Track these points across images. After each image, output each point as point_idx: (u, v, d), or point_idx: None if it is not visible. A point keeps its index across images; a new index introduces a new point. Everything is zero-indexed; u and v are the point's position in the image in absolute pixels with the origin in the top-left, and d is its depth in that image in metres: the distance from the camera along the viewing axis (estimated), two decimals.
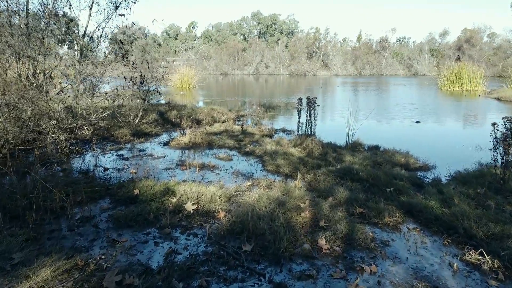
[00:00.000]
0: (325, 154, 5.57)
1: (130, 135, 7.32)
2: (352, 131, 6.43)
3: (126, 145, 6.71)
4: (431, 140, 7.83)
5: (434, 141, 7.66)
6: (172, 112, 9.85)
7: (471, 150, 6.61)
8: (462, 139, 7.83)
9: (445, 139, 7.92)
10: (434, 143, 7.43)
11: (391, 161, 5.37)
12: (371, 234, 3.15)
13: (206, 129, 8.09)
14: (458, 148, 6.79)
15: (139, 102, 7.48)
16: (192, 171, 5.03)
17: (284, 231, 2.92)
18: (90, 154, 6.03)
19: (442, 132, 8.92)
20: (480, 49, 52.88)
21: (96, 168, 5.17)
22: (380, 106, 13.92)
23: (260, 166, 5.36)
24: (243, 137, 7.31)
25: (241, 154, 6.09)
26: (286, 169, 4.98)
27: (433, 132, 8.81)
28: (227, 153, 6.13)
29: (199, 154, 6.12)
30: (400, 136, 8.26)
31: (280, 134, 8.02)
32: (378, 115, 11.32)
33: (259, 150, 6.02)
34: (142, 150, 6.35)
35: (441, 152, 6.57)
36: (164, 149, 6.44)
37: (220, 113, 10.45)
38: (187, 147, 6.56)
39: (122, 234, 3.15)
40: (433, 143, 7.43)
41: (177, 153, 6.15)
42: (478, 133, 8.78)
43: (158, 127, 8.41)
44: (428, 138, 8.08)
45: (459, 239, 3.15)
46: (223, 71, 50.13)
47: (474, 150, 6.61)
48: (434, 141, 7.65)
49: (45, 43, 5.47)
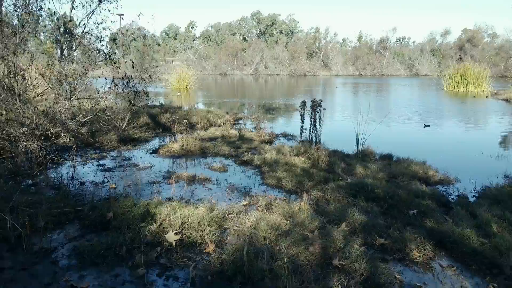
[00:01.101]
0: (332, 164, 4.91)
1: (116, 141, 6.67)
2: (361, 137, 5.77)
3: (111, 153, 6.06)
4: (446, 146, 7.18)
5: (450, 148, 7.01)
6: (165, 115, 9.20)
7: (493, 159, 5.97)
8: (479, 145, 7.18)
9: (461, 146, 7.28)
10: (450, 151, 6.78)
11: (407, 173, 4.72)
12: (397, 276, 2.50)
13: (200, 134, 7.45)
14: (477, 157, 6.14)
15: (127, 105, 6.82)
16: (180, 186, 4.38)
17: (289, 277, 2.27)
18: (69, 164, 5.38)
19: (456, 137, 8.27)
20: (482, 49, 52.28)
21: (71, 182, 4.52)
22: (385, 108, 13.29)
23: (259, 178, 4.71)
24: (240, 143, 6.66)
25: (238, 163, 5.44)
26: (288, 183, 4.33)
27: (446, 138, 8.17)
28: (222, 162, 5.48)
29: (190, 164, 5.47)
30: (411, 142, 7.62)
31: (281, 139, 7.38)
32: (384, 118, 10.67)
33: (258, 159, 5.38)
34: (127, 159, 5.70)
35: (460, 161, 5.92)
36: (152, 158, 5.79)
37: (217, 116, 9.81)
38: (178, 155, 5.91)
39: (84, 276, 2.50)
40: (449, 151, 6.78)
41: (166, 163, 5.50)
42: (495, 139, 8.14)
43: (148, 131, 7.76)
44: (442, 144, 7.44)
45: (506, 281, 2.51)
46: (222, 71, 49.49)
47: (496, 159, 5.97)
48: (449, 148, 7.01)
49: (15, 39, 4.82)
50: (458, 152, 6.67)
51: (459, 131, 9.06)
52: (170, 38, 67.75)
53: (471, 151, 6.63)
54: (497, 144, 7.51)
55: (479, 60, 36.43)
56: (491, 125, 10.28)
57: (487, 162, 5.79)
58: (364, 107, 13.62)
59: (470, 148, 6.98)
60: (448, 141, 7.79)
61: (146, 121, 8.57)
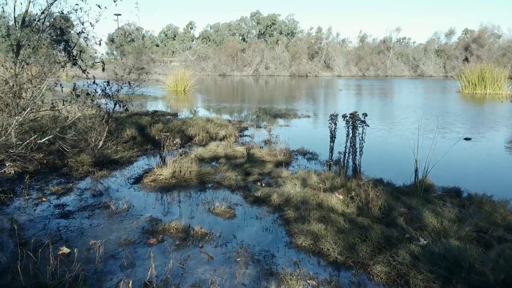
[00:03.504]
0: (389, 209, 3.41)
1: (90, 164, 5.17)
2: (420, 163, 4.22)
3: (80, 183, 4.56)
4: (509, 170, 5.70)
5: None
6: (156, 126, 7.70)
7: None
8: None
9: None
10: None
11: (498, 223, 3.24)
12: None
13: (198, 152, 5.95)
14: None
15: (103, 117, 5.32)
16: (166, 250, 2.89)
17: None
18: (17, 203, 3.89)
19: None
20: (488, 50, 50.84)
21: (10, 238, 3.03)
22: (412, 117, 11.81)
23: (283, 234, 3.22)
24: (249, 166, 5.17)
25: (249, 202, 3.94)
26: (331, 246, 2.84)
27: (502, 155, 6.68)
28: (227, 200, 3.99)
29: (184, 203, 3.97)
30: (461, 162, 6.11)
31: (299, 159, 5.89)
32: (412, 128, 9.19)
33: (277, 196, 3.89)
34: (98, 194, 4.20)
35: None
36: (132, 192, 4.29)
37: (218, 126, 8.32)
38: (168, 187, 4.42)
39: None
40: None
41: (151, 201, 4.01)
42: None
43: (134, 148, 6.26)
44: (502, 165, 5.95)
45: None
46: (222, 72, 48.00)
47: None
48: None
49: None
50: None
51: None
52: (169, 39, 66.22)
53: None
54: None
55: (485, 61, 35.03)
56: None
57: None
58: (386, 115, 12.15)
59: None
60: (507, 160, 6.32)
61: (132, 133, 7.07)
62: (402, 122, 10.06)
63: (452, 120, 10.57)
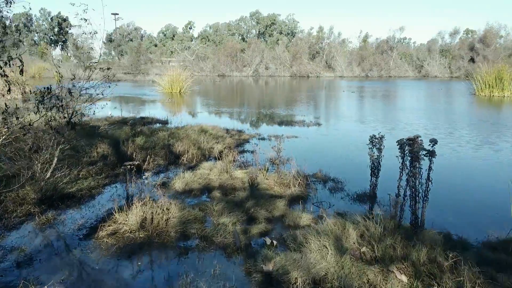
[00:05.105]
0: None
1: (34, 202, 3.73)
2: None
3: (7, 237, 3.11)
4: None
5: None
6: (137, 139, 6.25)
7: None
8: None
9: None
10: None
11: None
12: None
13: (185, 179, 4.50)
14: None
15: (54, 135, 3.87)
16: None
17: None
18: None
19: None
20: (494, 50, 49.41)
21: None
22: (443, 126, 10.36)
23: None
24: (253, 205, 3.72)
25: (255, 285, 2.48)
26: None
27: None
28: (219, 279, 2.54)
29: (149, 281, 2.51)
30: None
31: (319, 189, 4.42)
32: (468, 147, 7.75)
33: (299, 273, 2.44)
34: (28, 259, 2.75)
35: None
36: (77, 255, 2.83)
37: (214, 138, 6.87)
38: (133, 247, 2.96)
39: None
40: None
41: (100, 277, 2.55)
42: None
43: (101, 174, 4.78)
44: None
45: None
46: (221, 72, 46.52)
47: None
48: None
49: None
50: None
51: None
52: (168, 39, 64.74)
53: None
54: None
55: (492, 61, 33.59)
56: None
57: None
58: (424, 127, 10.49)
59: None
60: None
61: (104, 151, 5.60)
62: (456, 139, 7.66)
63: (494, 130, 9.09)
